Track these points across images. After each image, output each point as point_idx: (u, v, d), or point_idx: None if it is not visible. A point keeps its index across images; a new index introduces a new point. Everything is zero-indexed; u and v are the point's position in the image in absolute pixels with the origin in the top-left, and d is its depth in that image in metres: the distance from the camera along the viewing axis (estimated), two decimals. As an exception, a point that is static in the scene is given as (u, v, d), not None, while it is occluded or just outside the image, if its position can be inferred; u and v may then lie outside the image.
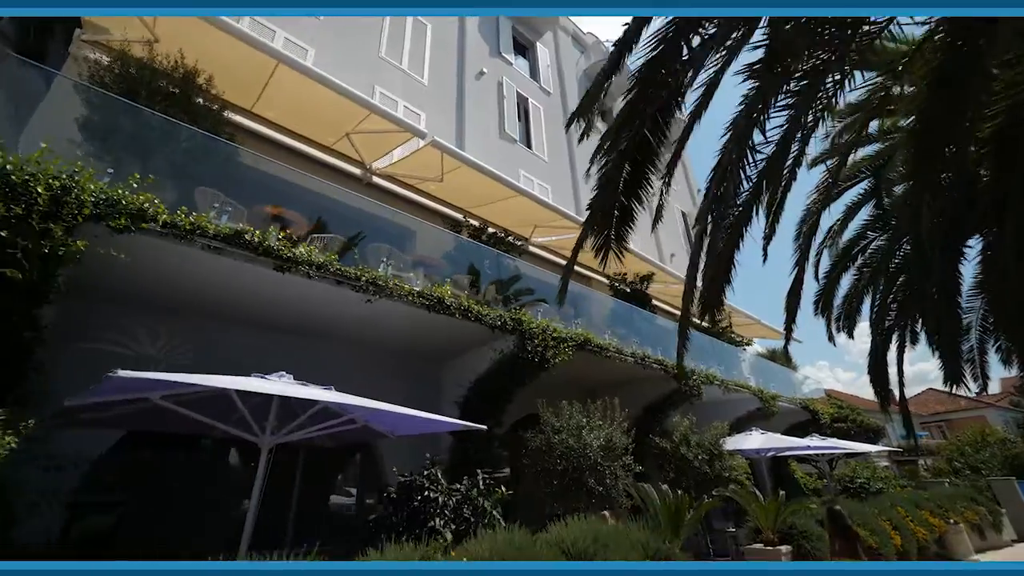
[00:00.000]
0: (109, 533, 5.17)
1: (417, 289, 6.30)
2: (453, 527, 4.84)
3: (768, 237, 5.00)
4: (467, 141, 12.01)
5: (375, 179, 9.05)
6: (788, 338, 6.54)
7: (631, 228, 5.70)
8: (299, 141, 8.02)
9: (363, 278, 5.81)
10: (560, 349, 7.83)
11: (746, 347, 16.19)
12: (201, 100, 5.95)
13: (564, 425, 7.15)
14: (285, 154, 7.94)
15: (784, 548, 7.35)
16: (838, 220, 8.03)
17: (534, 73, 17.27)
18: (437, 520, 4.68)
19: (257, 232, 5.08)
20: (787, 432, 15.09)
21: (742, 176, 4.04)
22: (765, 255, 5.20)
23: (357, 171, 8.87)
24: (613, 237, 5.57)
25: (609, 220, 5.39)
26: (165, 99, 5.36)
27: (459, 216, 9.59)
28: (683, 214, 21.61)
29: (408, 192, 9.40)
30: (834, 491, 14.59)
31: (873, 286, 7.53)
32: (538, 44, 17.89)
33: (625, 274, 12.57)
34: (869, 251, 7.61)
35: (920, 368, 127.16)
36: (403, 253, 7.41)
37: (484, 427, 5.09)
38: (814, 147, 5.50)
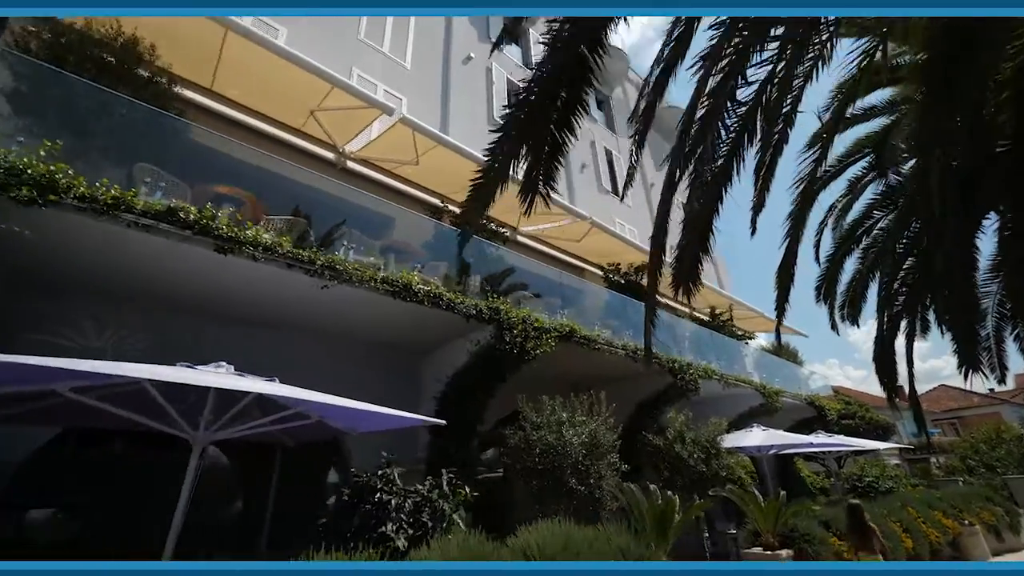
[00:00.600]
0: (36, 537, 4.74)
1: (381, 275, 5.81)
2: (409, 532, 4.36)
3: (757, 208, 4.47)
4: (452, 128, 11.59)
5: (350, 164, 8.61)
6: (780, 319, 5.98)
7: (559, 163, 5.08)
8: (264, 122, 7.57)
9: (317, 262, 5.33)
10: (542, 340, 7.32)
11: (748, 341, 15.59)
12: (144, 72, 5.50)
13: (544, 421, 6.64)
14: (251, 136, 7.50)
15: (784, 552, 6.80)
16: (841, 199, 7.44)
17: (527, 59, 16.90)
18: (389, 525, 4.20)
19: (194, 209, 4.63)
20: (792, 429, 14.47)
21: (720, 127, 3.50)
22: (753, 228, 4.67)
23: (331, 155, 8.43)
24: (541, 176, 4.62)
25: (539, 154, 4.29)
26: (98, 68, 4.91)
27: (437, 202, 9.11)
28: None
29: (385, 177, 8.95)
30: (842, 490, 13.96)
31: (880, 269, 6.94)
32: (531, 30, 17.53)
33: (618, 264, 12.04)
34: (875, 231, 7.03)
35: (932, 365, 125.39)
36: (373, 239, 6.94)
37: (442, 422, 4.60)
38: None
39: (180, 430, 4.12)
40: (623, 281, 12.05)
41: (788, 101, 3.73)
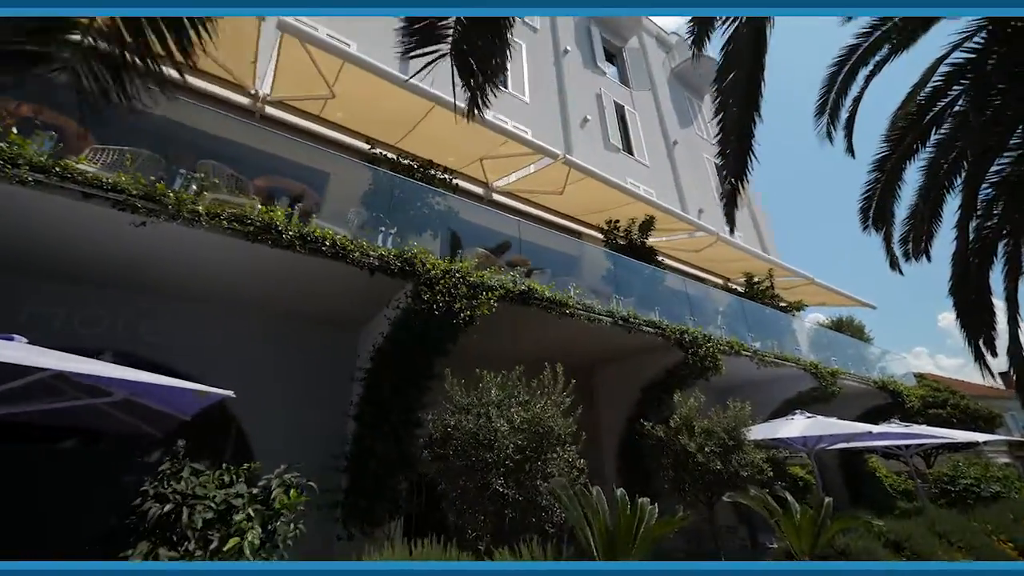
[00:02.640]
0: None
1: (229, 211, 4.43)
2: (179, 550, 2.91)
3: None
4: (576, 155, 10.40)
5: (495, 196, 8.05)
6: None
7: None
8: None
9: (127, 189, 4.03)
10: (480, 300, 5.67)
11: (795, 313, 12.92)
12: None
13: (473, 403, 4.99)
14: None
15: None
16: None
17: (624, 78, 16.81)
18: (142, 544, 2.78)
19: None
20: (862, 419, 11.73)
21: None
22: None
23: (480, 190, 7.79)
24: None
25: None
26: None
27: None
28: (718, 167, 18.32)
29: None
30: (928, 495, 11.08)
31: (963, 170, 4.66)
32: (624, 50, 16.92)
33: (617, 222, 10.02)
34: (950, 119, 4.72)
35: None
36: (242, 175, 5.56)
37: (229, 393, 3.11)
38: None
39: None
40: (624, 243, 10.05)
41: None
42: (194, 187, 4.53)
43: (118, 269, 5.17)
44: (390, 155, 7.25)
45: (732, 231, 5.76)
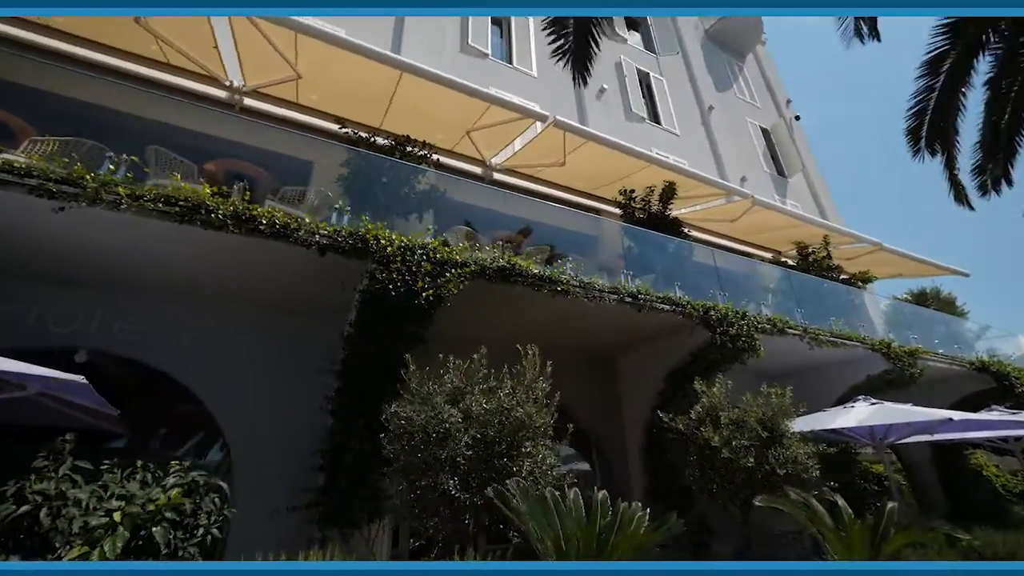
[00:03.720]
0: None
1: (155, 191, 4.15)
2: None
3: None
4: (592, 127, 10.01)
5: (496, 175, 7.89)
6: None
7: None
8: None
9: (42, 172, 3.84)
10: (448, 278, 5.05)
11: (861, 285, 11.06)
12: None
13: (431, 392, 4.37)
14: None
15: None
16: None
17: (649, 44, 15.63)
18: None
19: None
20: (958, 408, 9.78)
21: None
22: None
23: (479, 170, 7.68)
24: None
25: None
26: None
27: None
28: (764, 131, 16.45)
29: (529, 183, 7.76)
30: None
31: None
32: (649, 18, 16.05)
33: (631, 191, 8.97)
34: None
35: None
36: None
37: (77, 378, 2.71)
38: None
39: None
40: (644, 216, 8.99)
41: None
42: (124, 171, 4.29)
43: (84, 265, 5.11)
44: (364, 134, 6.81)
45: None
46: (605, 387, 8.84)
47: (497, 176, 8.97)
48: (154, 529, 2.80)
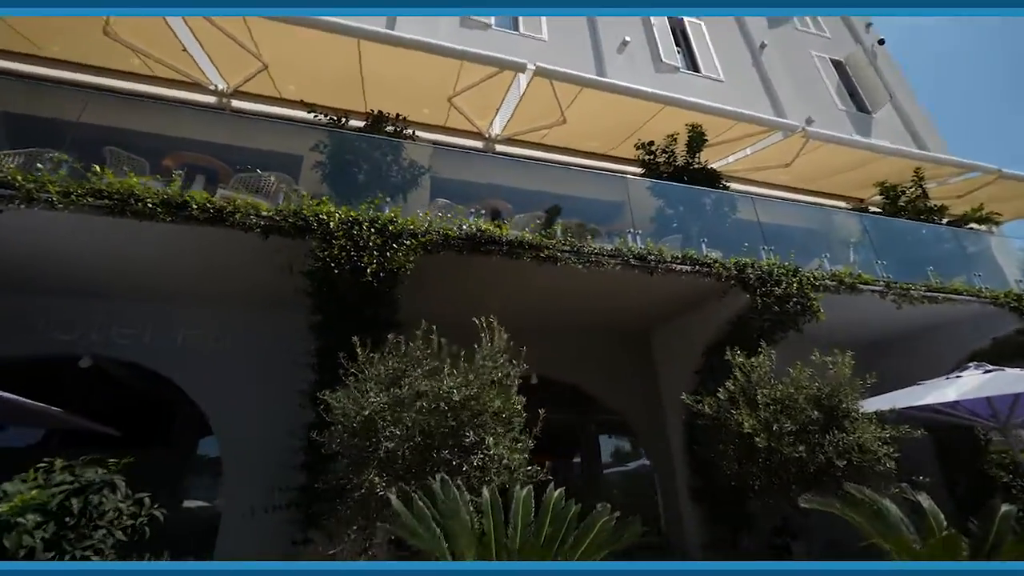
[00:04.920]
0: None
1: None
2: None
3: None
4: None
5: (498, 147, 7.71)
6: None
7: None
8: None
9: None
10: (396, 250, 4.49)
11: (975, 227, 8.68)
12: None
13: (367, 376, 3.82)
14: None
15: None
16: None
17: None
18: None
19: None
20: None
21: None
22: None
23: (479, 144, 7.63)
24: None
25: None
26: None
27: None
28: (836, 64, 13.92)
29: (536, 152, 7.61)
30: None
31: None
32: None
33: (650, 143, 7.73)
34: None
35: None
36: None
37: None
38: None
39: None
40: (670, 169, 7.73)
41: None
42: (62, 171, 4.26)
43: (78, 273, 5.29)
44: (334, 117, 6.47)
45: None
46: (640, 368, 7.75)
47: (500, 148, 8.28)
48: (5, 531, 2.54)
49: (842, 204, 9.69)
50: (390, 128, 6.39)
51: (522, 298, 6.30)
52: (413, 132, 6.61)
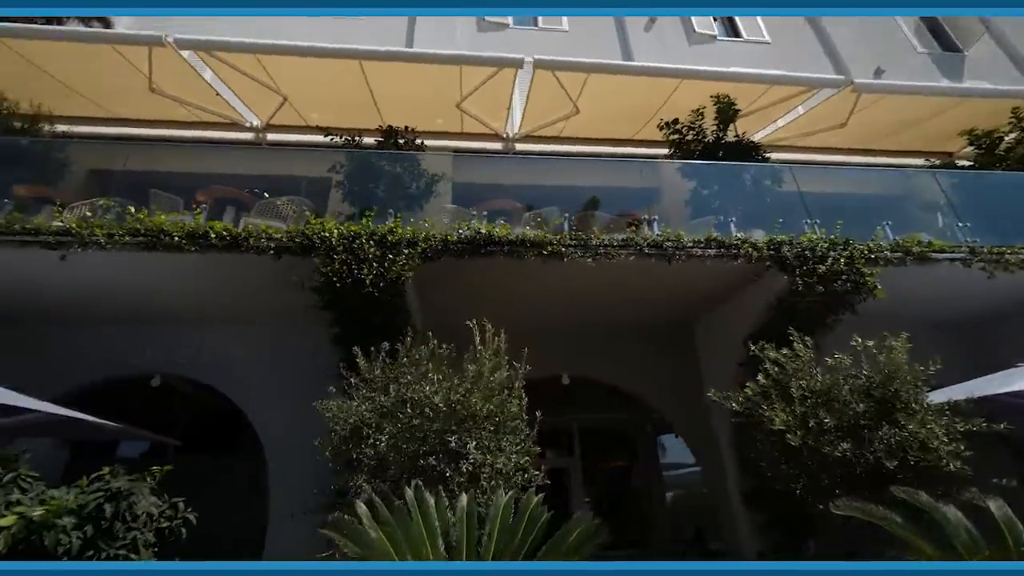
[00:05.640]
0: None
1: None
2: None
3: None
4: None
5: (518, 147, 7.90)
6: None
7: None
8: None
9: (40, 229, 4.57)
10: (392, 259, 4.60)
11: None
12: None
13: (368, 382, 3.93)
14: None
15: None
16: None
17: None
18: None
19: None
20: None
21: None
22: None
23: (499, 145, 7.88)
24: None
25: None
26: None
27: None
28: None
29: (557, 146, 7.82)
30: None
31: None
32: None
33: (674, 122, 7.18)
34: None
35: None
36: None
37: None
38: None
39: None
40: (700, 147, 7.15)
41: None
42: (110, 216, 4.88)
43: (142, 306, 6.03)
44: (348, 137, 6.76)
45: None
46: (683, 363, 7.24)
47: (520, 147, 8.19)
48: (44, 532, 2.93)
49: (919, 162, 8.35)
50: (401, 141, 6.57)
51: (547, 297, 6.17)
52: (422, 142, 6.75)
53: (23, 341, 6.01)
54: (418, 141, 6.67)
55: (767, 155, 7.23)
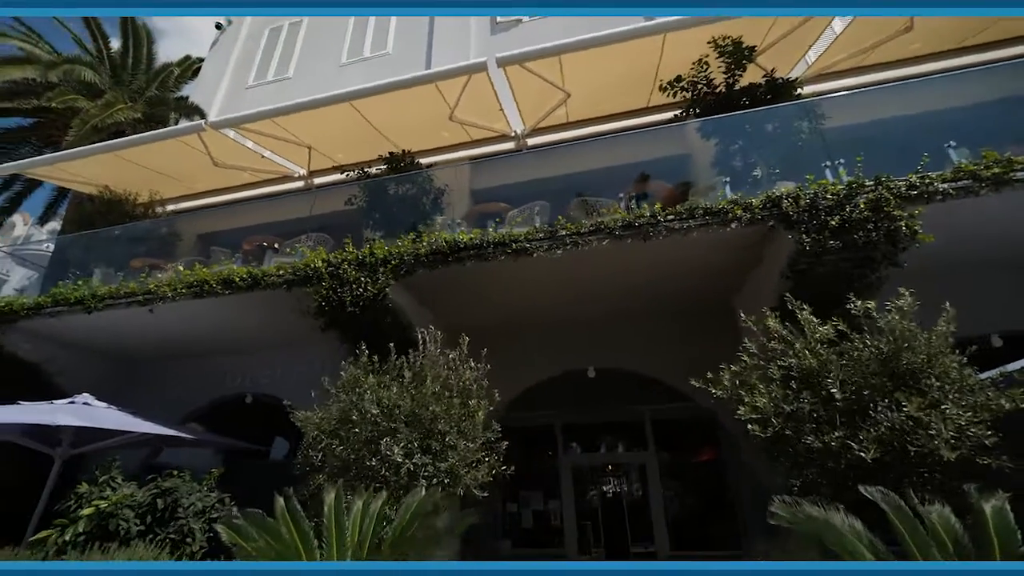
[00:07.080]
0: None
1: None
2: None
3: None
4: None
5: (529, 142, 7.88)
6: None
7: None
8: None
9: (132, 291, 6.00)
10: (363, 280, 5.07)
11: None
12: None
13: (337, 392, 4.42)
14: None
15: None
16: None
17: None
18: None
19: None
20: None
21: None
22: None
23: (511, 145, 7.94)
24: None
25: None
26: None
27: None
28: None
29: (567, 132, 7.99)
30: None
31: None
32: None
33: (676, 78, 6.39)
34: None
35: None
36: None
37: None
38: None
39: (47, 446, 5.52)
40: (714, 98, 6.33)
41: None
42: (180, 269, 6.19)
43: (226, 341, 7.50)
44: (356, 171, 7.44)
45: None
46: (723, 348, 6.44)
47: (534, 141, 8.15)
48: (111, 520, 3.95)
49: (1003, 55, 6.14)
50: (402, 164, 7.06)
51: (558, 292, 6.08)
52: (417, 161, 7.16)
53: (142, 376, 7.92)
54: (423, 160, 7.18)
55: (800, 93, 6.12)
